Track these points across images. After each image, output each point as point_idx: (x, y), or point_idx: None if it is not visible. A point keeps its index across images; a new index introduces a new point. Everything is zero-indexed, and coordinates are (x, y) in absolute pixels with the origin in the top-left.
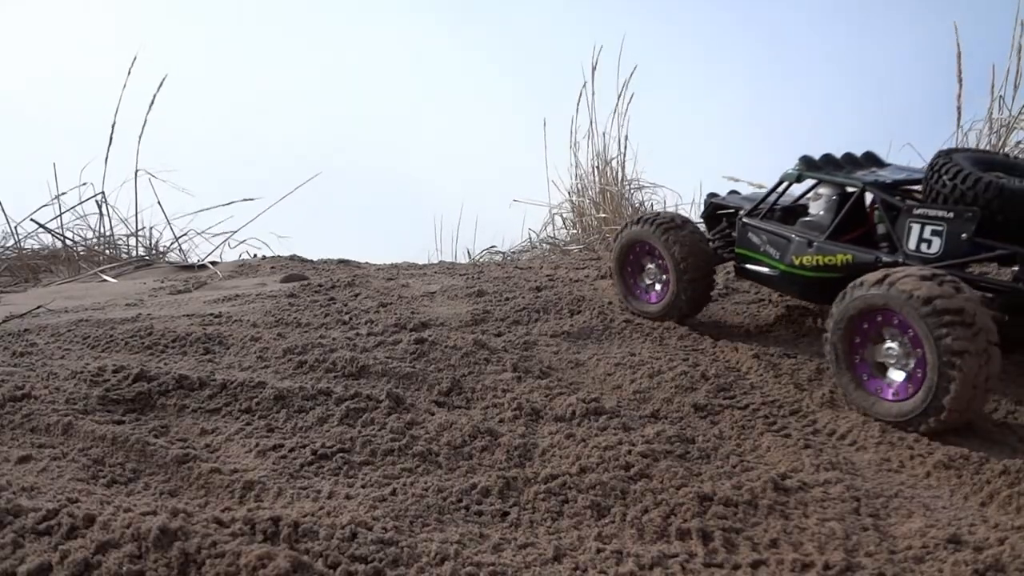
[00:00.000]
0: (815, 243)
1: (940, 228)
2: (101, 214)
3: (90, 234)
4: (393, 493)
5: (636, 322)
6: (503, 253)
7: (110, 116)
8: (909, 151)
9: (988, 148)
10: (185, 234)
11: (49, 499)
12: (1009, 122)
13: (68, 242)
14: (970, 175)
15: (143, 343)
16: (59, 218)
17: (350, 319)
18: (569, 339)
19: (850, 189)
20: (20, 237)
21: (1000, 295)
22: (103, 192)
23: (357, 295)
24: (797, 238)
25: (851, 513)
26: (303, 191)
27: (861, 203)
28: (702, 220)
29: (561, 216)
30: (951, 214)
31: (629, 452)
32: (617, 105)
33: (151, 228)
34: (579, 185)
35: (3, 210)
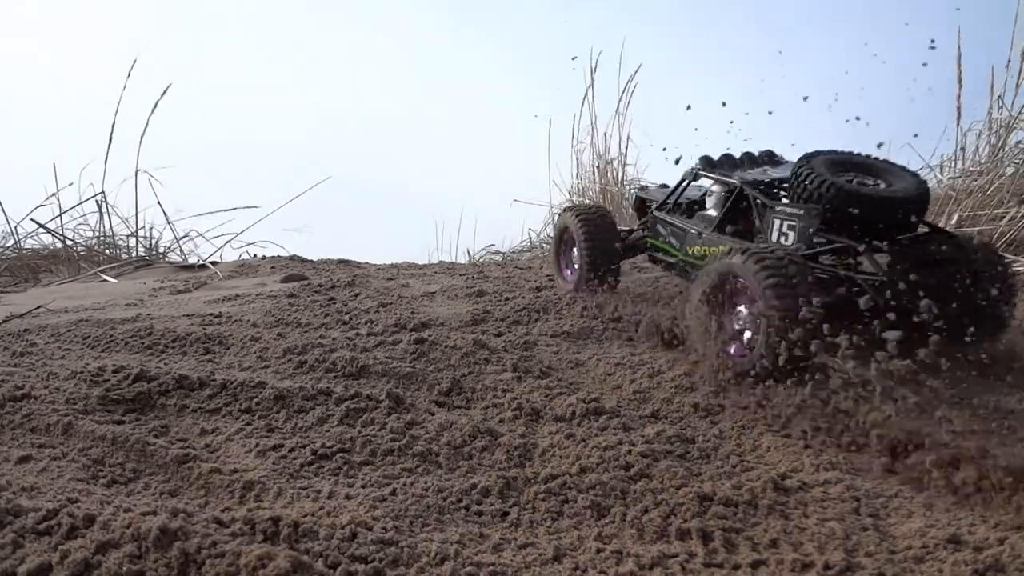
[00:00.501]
0: (703, 234)
1: (793, 224)
2: (101, 214)
3: (90, 234)
4: (393, 493)
5: None
6: (503, 253)
7: (111, 117)
8: (908, 151)
9: (992, 145)
10: (187, 235)
11: (49, 499)
12: (1009, 122)
13: (68, 242)
14: (817, 177)
15: (143, 343)
16: (59, 218)
17: (350, 319)
18: (569, 339)
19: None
20: (20, 237)
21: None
22: (103, 192)
23: (357, 295)
24: (691, 230)
25: (851, 513)
26: (310, 192)
27: (744, 199)
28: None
29: None
30: (801, 211)
31: (629, 452)
32: (618, 105)
33: (151, 228)
34: (580, 185)
35: (3, 210)
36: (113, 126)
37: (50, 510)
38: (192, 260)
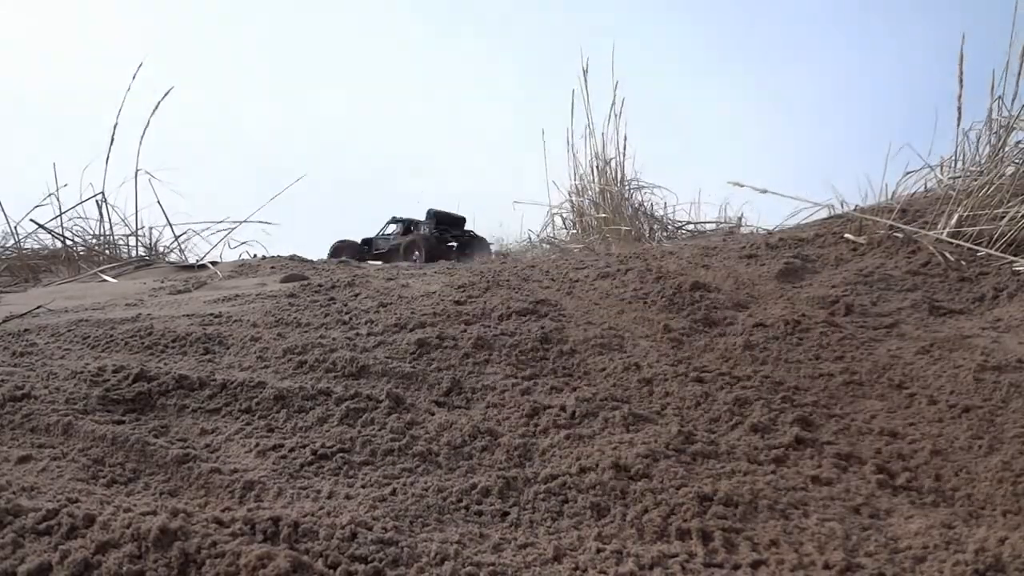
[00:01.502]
0: (390, 239)
1: (425, 227)
2: (101, 215)
3: (90, 234)
4: (393, 493)
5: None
6: (503, 253)
7: (111, 117)
8: (908, 152)
9: (992, 145)
10: (184, 232)
11: (49, 499)
12: (1009, 122)
13: (68, 242)
14: (430, 212)
15: (143, 343)
16: (59, 218)
17: (350, 319)
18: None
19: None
20: (20, 237)
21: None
22: (103, 192)
23: (357, 295)
24: (384, 238)
25: (851, 513)
26: (305, 192)
27: (399, 223)
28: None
29: (561, 216)
30: (427, 222)
31: (629, 452)
32: (612, 108)
33: (151, 228)
34: (579, 185)
35: (3, 210)
36: (115, 127)
37: (50, 510)
38: (192, 260)
